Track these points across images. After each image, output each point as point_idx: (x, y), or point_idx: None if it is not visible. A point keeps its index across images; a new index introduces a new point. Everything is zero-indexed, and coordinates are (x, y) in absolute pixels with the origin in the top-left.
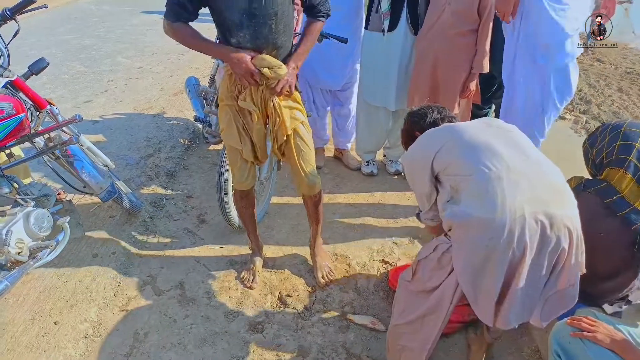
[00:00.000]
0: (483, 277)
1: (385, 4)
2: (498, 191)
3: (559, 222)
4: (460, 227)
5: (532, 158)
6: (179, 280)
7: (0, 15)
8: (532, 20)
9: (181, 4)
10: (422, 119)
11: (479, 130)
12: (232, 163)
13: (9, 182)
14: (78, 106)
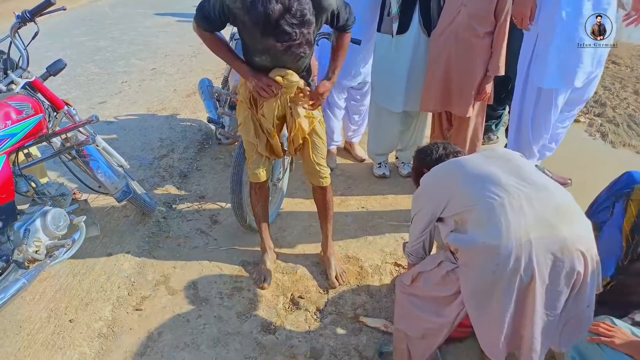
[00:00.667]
0: (490, 304)
1: (394, 6)
2: (502, 219)
3: (570, 245)
4: (467, 252)
5: (536, 183)
6: (192, 280)
7: (20, 17)
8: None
9: (209, 19)
10: (428, 156)
11: (481, 162)
12: (248, 155)
13: (27, 182)
14: (93, 107)
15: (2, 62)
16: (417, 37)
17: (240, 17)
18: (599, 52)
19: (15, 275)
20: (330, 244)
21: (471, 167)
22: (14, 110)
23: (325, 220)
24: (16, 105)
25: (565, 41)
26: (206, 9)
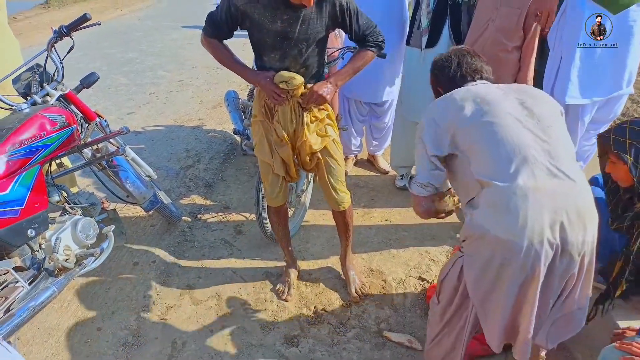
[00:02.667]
0: (492, 294)
1: (424, 20)
2: (521, 212)
3: (573, 249)
4: (475, 239)
5: (567, 172)
6: (216, 290)
7: (57, 32)
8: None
9: (217, 24)
10: (441, 72)
11: (513, 119)
12: (264, 177)
13: (59, 191)
14: (121, 117)
15: (39, 75)
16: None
17: (249, 10)
18: (628, 70)
19: (45, 283)
20: (349, 257)
21: (503, 123)
22: (49, 121)
23: (344, 237)
24: (51, 117)
25: (585, 58)
26: (214, 15)
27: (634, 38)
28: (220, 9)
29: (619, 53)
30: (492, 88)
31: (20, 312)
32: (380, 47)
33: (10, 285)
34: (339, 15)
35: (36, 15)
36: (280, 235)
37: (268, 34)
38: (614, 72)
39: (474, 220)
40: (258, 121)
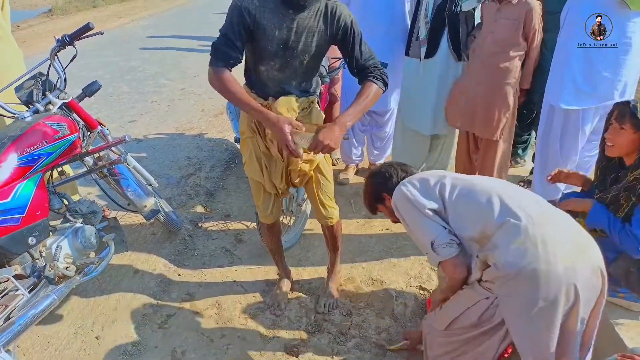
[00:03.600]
0: (536, 328)
1: (423, 31)
2: (547, 239)
3: (596, 266)
4: (509, 279)
5: (550, 210)
6: (216, 299)
7: (60, 41)
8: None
9: (230, 44)
10: (389, 180)
11: (480, 180)
12: (256, 195)
13: (60, 199)
14: (123, 125)
15: (41, 84)
16: (445, 62)
17: (258, 15)
18: (623, 81)
19: (45, 291)
20: (335, 270)
21: (476, 183)
22: (51, 130)
23: (332, 249)
24: (53, 125)
25: (582, 63)
26: (220, 40)
27: (633, 48)
28: (228, 26)
29: (616, 62)
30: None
31: (20, 320)
32: (385, 82)
33: (10, 293)
34: (341, 33)
35: (40, 23)
36: (273, 249)
37: (272, 41)
38: (610, 80)
39: (501, 261)
40: (247, 139)
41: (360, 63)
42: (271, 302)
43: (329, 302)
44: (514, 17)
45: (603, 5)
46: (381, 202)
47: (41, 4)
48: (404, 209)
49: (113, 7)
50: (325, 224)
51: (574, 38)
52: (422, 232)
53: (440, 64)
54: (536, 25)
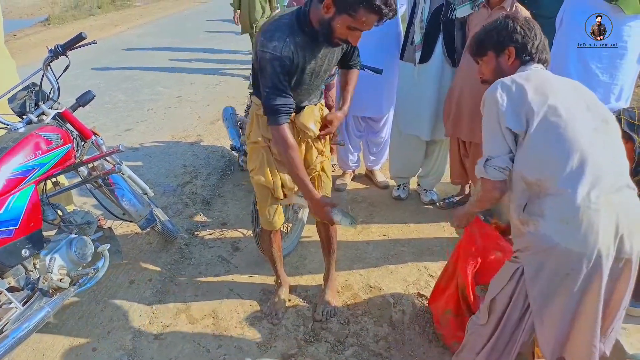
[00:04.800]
0: (554, 303)
1: (418, 36)
2: (594, 226)
3: (626, 257)
4: (540, 251)
5: (627, 184)
6: (213, 308)
7: (53, 51)
8: None
9: (284, 94)
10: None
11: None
12: (262, 203)
13: (54, 210)
14: (119, 134)
15: (34, 94)
16: (440, 67)
17: (295, 58)
18: (619, 85)
19: (39, 303)
20: (331, 277)
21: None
22: (44, 140)
23: (328, 253)
24: (46, 135)
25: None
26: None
27: (629, 52)
28: (274, 78)
29: (612, 66)
30: (561, 80)
31: (13, 333)
32: (360, 65)
33: (3, 307)
34: (349, 47)
35: (36, 33)
36: (273, 256)
37: (304, 73)
38: (607, 84)
39: (541, 232)
40: (258, 147)
41: (352, 61)
42: (268, 310)
43: (327, 309)
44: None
45: (598, 8)
46: (499, 52)
47: (38, 13)
48: (488, 109)
49: (110, 15)
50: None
51: (572, 40)
52: (488, 141)
53: (435, 69)
54: None
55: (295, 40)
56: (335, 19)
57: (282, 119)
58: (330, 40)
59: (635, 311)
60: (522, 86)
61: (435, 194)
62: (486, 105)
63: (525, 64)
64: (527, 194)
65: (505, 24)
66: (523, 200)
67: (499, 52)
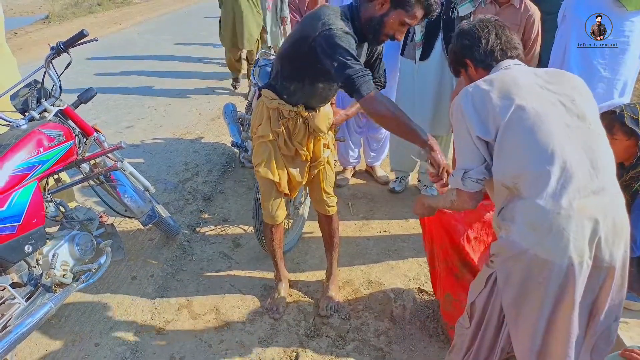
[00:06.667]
0: (527, 311)
1: (418, 34)
2: (564, 233)
3: (605, 267)
4: (510, 257)
5: (606, 184)
6: (215, 304)
7: (55, 48)
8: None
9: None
10: (476, 44)
11: (551, 121)
12: (266, 196)
13: (57, 207)
14: (120, 131)
15: (37, 91)
16: (440, 64)
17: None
18: (622, 80)
19: (42, 299)
20: (334, 272)
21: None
22: (47, 137)
23: (330, 248)
24: (49, 132)
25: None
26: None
27: (631, 48)
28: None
29: (615, 61)
30: (532, 77)
31: (17, 329)
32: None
33: (7, 302)
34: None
35: (36, 30)
36: (274, 251)
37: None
38: (609, 79)
39: (511, 238)
40: (266, 142)
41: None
42: (270, 306)
43: (330, 304)
44: (515, 22)
45: (600, 5)
46: (464, 67)
47: (38, 11)
48: (456, 120)
49: (110, 12)
50: (326, 212)
51: (573, 39)
52: (462, 153)
53: (435, 65)
54: (536, 32)
55: (351, 30)
56: (390, 14)
57: (371, 86)
58: (378, 36)
59: (635, 305)
60: (485, 92)
61: (435, 190)
62: (454, 116)
63: (490, 67)
64: (507, 197)
65: (455, 41)
66: (501, 203)
67: (464, 68)
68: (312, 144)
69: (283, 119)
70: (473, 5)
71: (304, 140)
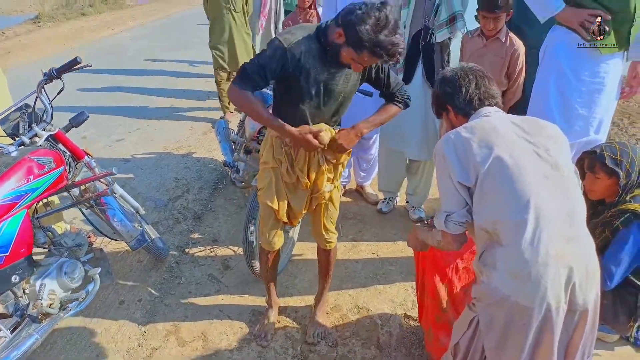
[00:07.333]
0: (506, 353)
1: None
2: (542, 281)
3: (581, 309)
4: (492, 302)
5: (580, 234)
6: (202, 330)
7: (47, 74)
8: None
9: (262, 75)
10: (457, 92)
11: (529, 171)
12: (264, 222)
13: (45, 233)
14: (111, 144)
15: (27, 116)
16: (421, 87)
17: (303, 60)
18: (597, 118)
19: (28, 330)
20: (323, 300)
21: (519, 176)
22: (37, 165)
23: (324, 276)
24: (39, 160)
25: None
26: (253, 65)
27: (607, 88)
28: (267, 59)
29: (591, 100)
30: (510, 126)
31: None
32: (406, 103)
33: None
34: (374, 72)
35: (26, 33)
36: (268, 277)
37: (314, 83)
38: (585, 117)
39: (493, 284)
40: (269, 168)
41: (389, 91)
42: (258, 332)
43: (318, 331)
44: (501, 55)
45: (575, 50)
46: (445, 111)
47: (28, 10)
48: (439, 164)
49: (102, 16)
50: (325, 247)
51: (552, 79)
52: (445, 196)
53: (417, 89)
54: (521, 65)
55: (310, 46)
56: (343, 48)
57: (246, 87)
58: (337, 60)
59: (609, 337)
60: (466, 140)
61: (422, 212)
62: (436, 160)
63: (469, 115)
64: (487, 242)
65: (438, 86)
66: (481, 248)
67: (445, 113)
68: (315, 174)
69: (285, 147)
70: (449, 32)
71: (304, 168)
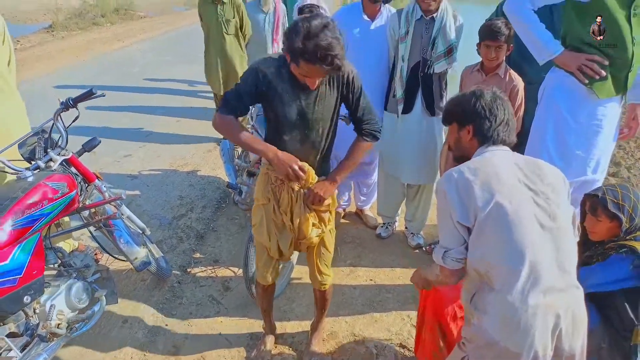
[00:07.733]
0: None
1: (399, 91)
2: (531, 330)
3: (567, 355)
4: (482, 345)
5: (570, 283)
6: (202, 353)
7: (64, 103)
8: None
9: (239, 99)
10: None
11: (527, 221)
12: (259, 257)
13: (55, 254)
14: (118, 160)
15: (44, 141)
16: (420, 117)
17: (274, 82)
18: (595, 159)
19: (37, 349)
20: (319, 328)
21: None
22: (51, 190)
23: (321, 309)
24: (53, 185)
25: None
26: (233, 91)
27: (604, 130)
28: (242, 83)
29: (588, 142)
30: (512, 169)
31: None
32: (375, 137)
33: (3, 354)
34: (344, 89)
35: (40, 43)
36: (264, 307)
37: (290, 109)
38: (583, 158)
39: (483, 327)
40: (260, 205)
41: (357, 116)
42: (255, 358)
43: (314, 359)
44: (501, 90)
45: (573, 92)
46: (460, 125)
47: (42, 19)
48: (440, 201)
49: (114, 28)
50: (319, 288)
51: (550, 119)
52: (444, 233)
53: (416, 118)
54: (520, 100)
55: (280, 70)
56: (292, 65)
57: (226, 112)
58: (297, 80)
59: None
60: (469, 181)
61: (421, 238)
62: (438, 196)
63: (483, 144)
64: (478, 283)
65: (471, 101)
66: (472, 290)
67: (460, 126)
68: (300, 219)
69: (272, 184)
70: (447, 63)
71: (288, 210)
